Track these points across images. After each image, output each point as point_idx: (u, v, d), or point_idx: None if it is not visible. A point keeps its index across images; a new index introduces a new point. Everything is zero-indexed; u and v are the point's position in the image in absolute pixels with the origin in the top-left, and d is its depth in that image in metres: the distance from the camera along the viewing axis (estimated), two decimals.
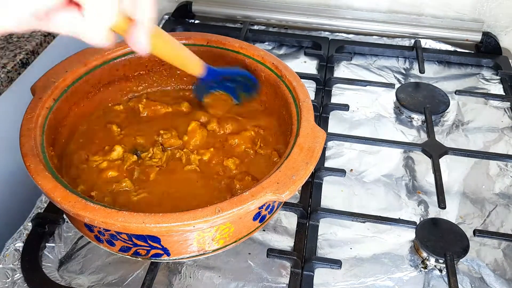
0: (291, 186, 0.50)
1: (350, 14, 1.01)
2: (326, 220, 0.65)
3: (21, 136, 0.55)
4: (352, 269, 0.60)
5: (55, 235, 0.63)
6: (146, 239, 0.50)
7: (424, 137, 0.78)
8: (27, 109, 0.58)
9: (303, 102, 0.60)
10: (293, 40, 0.99)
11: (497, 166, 0.74)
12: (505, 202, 0.69)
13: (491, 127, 0.81)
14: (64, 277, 0.59)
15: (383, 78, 0.91)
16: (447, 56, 0.95)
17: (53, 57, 0.81)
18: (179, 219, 0.47)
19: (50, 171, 0.52)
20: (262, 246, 0.62)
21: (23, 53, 0.79)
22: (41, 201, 0.66)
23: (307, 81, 0.85)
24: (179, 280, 0.59)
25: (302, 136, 0.56)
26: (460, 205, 0.68)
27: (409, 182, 0.71)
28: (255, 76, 0.67)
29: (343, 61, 0.95)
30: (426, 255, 0.61)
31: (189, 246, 0.52)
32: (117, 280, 0.58)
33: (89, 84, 0.66)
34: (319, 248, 0.62)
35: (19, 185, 0.82)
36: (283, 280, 0.58)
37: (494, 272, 0.60)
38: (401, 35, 1.00)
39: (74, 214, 0.48)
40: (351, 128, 0.80)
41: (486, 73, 0.93)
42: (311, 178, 0.69)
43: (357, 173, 0.72)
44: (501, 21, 0.97)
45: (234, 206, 0.48)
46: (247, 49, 0.68)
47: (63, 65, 0.64)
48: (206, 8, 1.04)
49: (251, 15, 1.03)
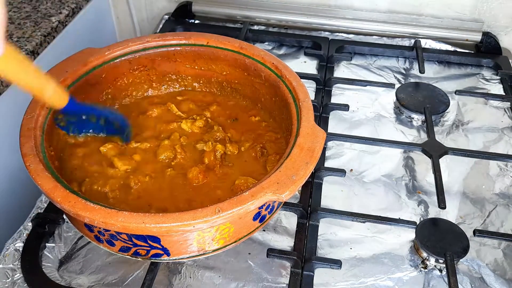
0: (291, 186, 0.50)
1: (350, 14, 1.01)
2: (326, 220, 0.65)
3: (21, 136, 0.55)
4: (352, 269, 0.60)
5: (55, 235, 0.63)
6: (146, 239, 0.50)
7: (424, 137, 0.78)
8: (27, 109, 0.58)
9: (303, 102, 0.60)
10: (293, 40, 0.99)
11: (497, 166, 0.74)
12: (505, 202, 0.69)
13: (491, 127, 0.81)
14: (64, 277, 0.59)
15: (383, 78, 0.91)
16: (447, 56, 0.95)
17: (53, 57, 0.82)
18: (179, 219, 0.47)
19: (50, 171, 0.52)
20: (262, 246, 0.62)
21: (23, 53, 0.79)
22: (41, 201, 0.66)
23: (307, 81, 0.85)
24: (179, 280, 0.59)
25: (302, 136, 0.56)
26: (460, 205, 0.68)
27: (409, 182, 0.71)
28: (126, 122, 0.65)
29: (343, 61, 0.95)
30: (426, 255, 0.61)
31: (189, 246, 0.52)
32: (117, 280, 0.58)
33: (89, 84, 0.66)
34: (319, 248, 0.62)
35: (19, 185, 0.82)
36: (283, 280, 0.58)
37: (494, 272, 0.60)
38: (401, 35, 1.00)
39: (74, 214, 0.48)
40: (351, 128, 0.80)
41: (486, 73, 0.93)
42: (311, 178, 0.69)
43: (357, 173, 0.72)
44: (501, 21, 0.97)
45: (234, 206, 0.48)
46: (247, 49, 0.68)
47: (63, 65, 0.64)
48: (206, 8, 1.04)
49: (251, 15, 1.03)
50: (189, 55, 0.71)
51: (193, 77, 0.74)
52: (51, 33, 0.86)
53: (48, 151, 0.55)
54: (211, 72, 0.72)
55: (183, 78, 0.74)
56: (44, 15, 0.89)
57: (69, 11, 0.91)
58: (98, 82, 0.67)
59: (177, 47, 0.71)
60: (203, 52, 0.71)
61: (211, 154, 0.62)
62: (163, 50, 0.71)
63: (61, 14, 0.90)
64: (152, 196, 0.59)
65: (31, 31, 0.84)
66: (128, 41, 0.69)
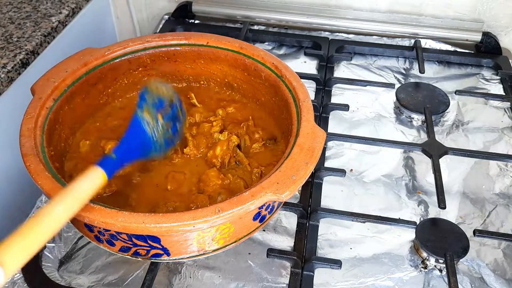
0: (291, 186, 0.50)
1: (350, 14, 1.01)
2: (326, 220, 0.65)
3: (21, 136, 0.55)
4: (352, 269, 0.60)
5: (55, 235, 0.63)
6: (146, 239, 0.50)
7: (424, 137, 0.78)
8: (27, 109, 0.58)
9: (303, 102, 0.60)
10: (293, 40, 0.99)
11: (497, 166, 0.74)
12: (505, 202, 0.69)
13: (491, 127, 0.81)
14: (64, 277, 0.59)
15: (383, 78, 0.91)
16: (447, 56, 0.95)
17: (53, 57, 0.81)
18: (179, 219, 0.47)
19: (50, 171, 0.52)
20: (262, 246, 0.62)
21: (23, 53, 0.79)
22: (41, 201, 0.66)
23: (307, 81, 0.85)
24: (179, 280, 0.59)
25: (302, 136, 0.56)
26: (460, 205, 0.68)
27: (409, 182, 0.71)
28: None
29: (343, 61, 0.95)
30: (426, 255, 0.61)
31: (189, 246, 0.52)
32: (117, 280, 0.58)
33: (89, 84, 0.66)
34: (319, 248, 0.62)
35: (19, 185, 0.82)
36: (283, 280, 0.58)
37: (494, 272, 0.60)
38: (401, 35, 1.00)
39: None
40: (351, 128, 0.80)
41: (486, 73, 0.93)
42: (311, 178, 0.69)
43: (357, 173, 0.72)
44: (501, 21, 0.97)
45: (234, 206, 0.48)
46: (247, 49, 0.68)
47: (63, 65, 0.64)
48: (206, 8, 1.04)
49: (251, 15, 1.03)
50: (189, 55, 0.71)
51: (193, 77, 0.74)
52: (51, 33, 0.86)
53: (48, 151, 0.55)
54: (211, 72, 0.72)
55: (183, 78, 0.74)
56: (44, 15, 0.89)
57: (69, 11, 0.91)
58: (98, 82, 0.67)
59: (177, 47, 0.71)
60: (203, 52, 0.70)
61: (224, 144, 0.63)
62: (163, 50, 0.71)
63: (61, 14, 0.90)
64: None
65: (31, 31, 0.84)
66: (128, 41, 0.69)
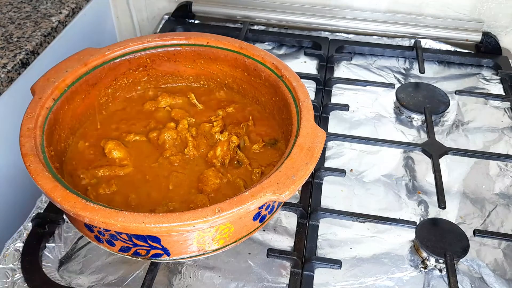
0: (291, 186, 0.50)
1: (350, 14, 1.01)
2: (326, 220, 0.65)
3: (21, 136, 0.55)
4: (352, 269, 0.60)
5: (55, 235, 0.63)
6: (146, 239, 0.50)
7: (424, 137, 0.78)
8: (27, 109, 0.58)
9: (303, 102, 0.60)
10: (293, 40, 0.99)
11: (497, 166, 0.74)
12: (505, 202, 0.69)
13: (491, 127, 0.81)
14: (64, 277, 0.59)
15: (383, 78, 0.91)
16: (447, 56, 0.95)
17: (53, 57, 0.82)
18: (179, 219, 0.47)
19: (50, 171, 0.52)
20: (262, 246, 0.62)
21: (23, 53, 0.80)
22: (41, 201, 0.66)
23: (307, 81, 0.85)
24: (179, 280, 0.59)
25: (302, 136, 0.56)
26: (460, 205, 0.68)
27: (409, 182, 0.71)
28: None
29: (343, 61, 0.95)
30: (426, 255, 0.61)
31: (189, 246, 0.52)
32: (117, 280, 0.58)
33: (89, 84, 0.66)
34: (319, 248, 0.62)
35: (19, 185, 0.82)
36: (283, 280, 0.58)
37: (494, 272, 0.60)
38: (401, 35, 1.00)
39: (74, 214, 0.48)
40: (351, 128, 0.80)
41: (486, 73, 0.93)
42: (311, 178, 0.69)
43: (357, 173, 0.72)
44: (501, 21, 0.97)
45: (234, 206, 0.48)
46: (247, 49, 0.68)
47: (63, 65, 0.64)
48: (206, 8, 1.04)
49: (251, 15, 1.03)
50: (189, 55, 0.71)
51: (193, 77, 0.74)
52: (51, 33, 0.86)
53: (48, 151, 0.55)
54: (211, 72, 0.72)
55: (183, 78, 0.74)
56: (44, 15, 0.89)
57: (69, 11, 0.91)
58: (98, 82, 0.67)
59: (177, 47, 0.71)
60: (203, 52, 0.71)
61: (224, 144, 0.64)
62: (163, 50, 0.71)
63: (61, 14, 0.90)
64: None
65: (31, 31, 0.84)
66: (128, 41, 0.69)
